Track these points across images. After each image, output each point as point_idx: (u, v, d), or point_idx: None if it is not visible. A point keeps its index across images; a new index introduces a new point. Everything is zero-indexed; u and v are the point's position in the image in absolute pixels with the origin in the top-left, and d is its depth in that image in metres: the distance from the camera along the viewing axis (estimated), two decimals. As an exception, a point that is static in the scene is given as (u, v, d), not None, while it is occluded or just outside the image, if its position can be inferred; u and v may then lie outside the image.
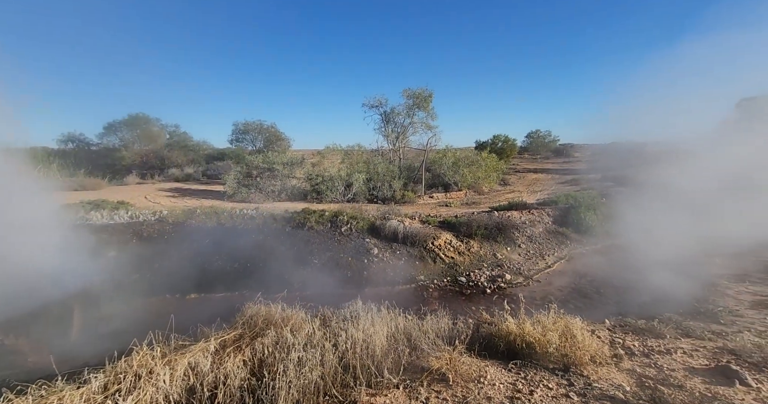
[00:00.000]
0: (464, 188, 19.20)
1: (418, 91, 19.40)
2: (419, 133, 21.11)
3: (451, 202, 16.95)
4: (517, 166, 32.30)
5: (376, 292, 8.44)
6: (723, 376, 3.57)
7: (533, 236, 11.60)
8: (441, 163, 19.40)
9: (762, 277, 6.89)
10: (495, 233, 11.14)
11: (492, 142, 29.50)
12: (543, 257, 10.62)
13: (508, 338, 4.68)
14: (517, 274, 9.45)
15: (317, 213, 10.86)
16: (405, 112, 19.92)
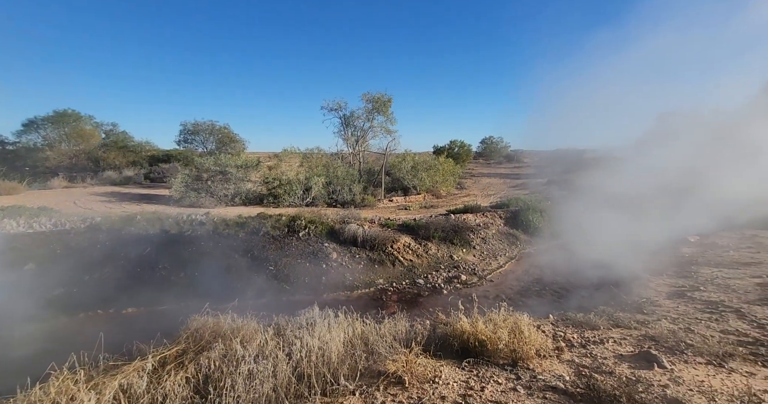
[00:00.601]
0: (423, 191, 19.69)
1: (377, 96, 19.64)
2: (379, 137, 21.34)
3: (411, 205, 17.27)
4: (472, 170, 33.82)
5: (335, 297, 8.32)
6: (645, 361, 3.98)
7: (487, 237, 12.17)
8: (400, 167, 19.74)
9: (676, 270, 7.85)
10: (452, 236, 11.52)
11: (449, 147, 30.64)
12: (496, 257, 11.18)
13: (462, 337, 4.83)
14: (472, 274, 9.84)
15: (273, 218, 10.47)
16: (365, 116, 20.05)
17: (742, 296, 5.73)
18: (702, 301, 5.84)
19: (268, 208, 13.87)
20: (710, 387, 3.36)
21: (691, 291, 6.36)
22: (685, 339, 4.42)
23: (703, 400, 3.15)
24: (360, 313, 5.30)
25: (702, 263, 8.10)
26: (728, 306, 5.45)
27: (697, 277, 7.09)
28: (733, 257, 8.14)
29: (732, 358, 3.89)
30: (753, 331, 4.56)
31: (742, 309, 5.22)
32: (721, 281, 6.63)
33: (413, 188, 19.71)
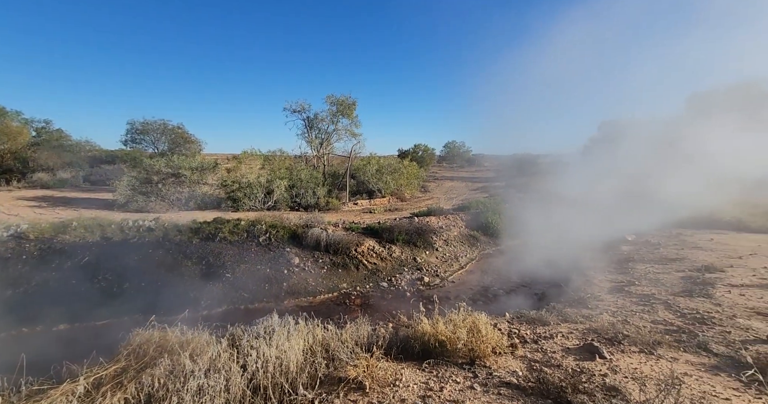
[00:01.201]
0: (387, 194, 19.85)
1: (342, 99, 19.56)
2: (344, 140, 21.24)
3: (375, 208, 17.32)
4: (436, 174, 34.70)
5: (297, 303, 8.10)
6: (588, 352, 4.29)
7: (449, 239, 12.51)
8: (365, 170, 19.76)
9: (616, 267, 8.59)
10: (415, 238, 11.70)
11: (413, 151, 31.22)
12: (457, 258, 11.52)
13: (423, 338, 4.90)
14: (435, 276, 10.05)
15: (231, 223, 9.99)
16: (329, 118, 19.85)
17: (669, 289, 6.40)
18: (637, 295, 6.43)
19: (226, 213, 13.22)
20: (642, 373, 3.70)
21: (628, 286, 6.98)
22: (622, 330, 4.83)
23: (635, 386, 3.45)
24: (322, 319, 5.20)
25: (637, 259, 8.93)
26: (658, 298, 6.05)
27: (633, 273, 7.81)
28: (662, 254, 9.07)
29: (660, 346, 4.30)
30: (677, 320, 5.09)
31: (668, 301, 5.82)
32: (653, 276, 7.35)
33: (378, 191, 19.80)
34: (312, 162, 20.72)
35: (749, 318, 4.86)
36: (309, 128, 20.00)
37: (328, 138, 20.46)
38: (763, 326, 4.58)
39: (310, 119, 19.87)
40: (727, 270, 7.04)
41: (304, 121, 19.95)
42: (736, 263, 7.51)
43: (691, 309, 5.39)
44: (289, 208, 15.49)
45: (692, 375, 3.59)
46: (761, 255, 7.84)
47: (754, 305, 5.28)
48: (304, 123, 19.99)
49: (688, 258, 8.31)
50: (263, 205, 14.74)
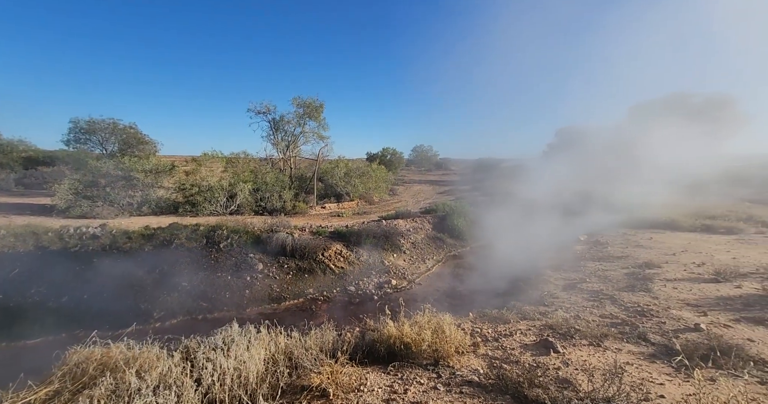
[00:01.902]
0: (356, 198, 19.78)
1: (309, 101, 19.25)
2: (311, 142, 20.90)
3: (343, 212, 17.19)
4: (404, 177, 35.14)
5: (260, 311, 7.81)
6: (544, 348, 4.51)
7: (416, 242, 12.69)
8: (333, 173, 19.58)
9: (571, 266, 9.16)
10: (383, 241, 11.74)
11: (382, 154, 31.40)
12: (424, 261, 11.70)
13: (389, 341, 4.91)
14: (402, 279, 10.14)
15: (189, 228, 9.46)
16: (295, 120, 19.45)
17: (615, 285, 6.92)
18: (587, 291, 6.88)
19: (184, 217, 12.49)
20: (590, 364, 3.95)
21: (580, 283, 7.46)
22: (574, 325, 5.14)
23: (584, 377, 3.68)
24: (286, 326, 5.06)
25: (588, 258, 9.58)
26: (605, 294, 6.53)
27: (584, 271, 8.37)
28: (609, 253, 9.81)
29: (606, 338, 4.63)
30: (621, 314, 5.51)
31: (614, 296, 6.29)
32: (601, 273, 7.93)
33: (346, 194, 19.68)
34: (278, 165, 20.17)
35: (681, 309, 5.37)
36: (275, 130, 19.46)
37: (294, 140, 20.03)
38: (692, 316, 5.09)
39: (275, 120, 19.34)
40: (663, 266, 7.75)
41: (270, 123, 19.39)
42: (671, 259, 8.29)
43: (633, 303, 5.86)
44: (253, 212, 14.95)
45: (633, 364, 3.89)
46: (690, 252, 8.72)
47: (685, 297, 5.85)
48: (269, 125, 19.43)
49: (631, 256, 9.04)
50: (225, 209, 14.11)
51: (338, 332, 5.63)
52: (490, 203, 17.74)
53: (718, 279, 6.42)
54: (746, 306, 5.20)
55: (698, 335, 4.38)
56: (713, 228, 11.11)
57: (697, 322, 4.78)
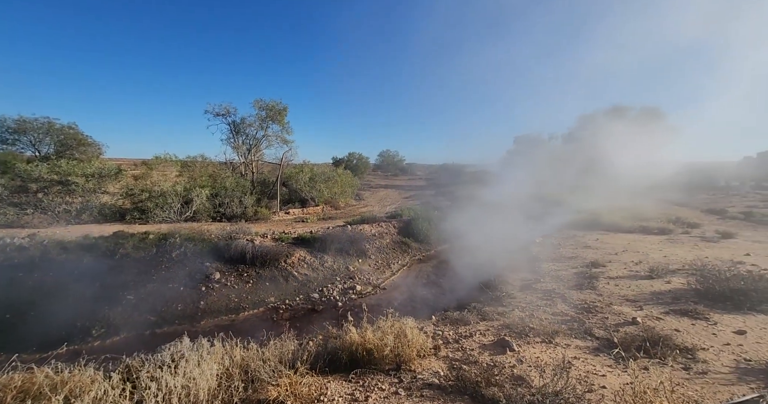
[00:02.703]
0: (321, 203, 19.49)
1: (272, 104, 18.76)
2: (274, 146, 20.33)
3: (308, 217, 16.85)
4: (371, 182, 35.21)
5: (216, 323, 7.39)
6: (501, 347, 4.69)
7: (382, 247, 12.72)
8: (298, 178, 19.18)
9: (527, 267, 9.65)
10: (348, 247, 11.64)
11: (348, 159, 31.28)
12: (390, 265, 11.74)
13: (351, 348, 4.85)
14: (367, 284, 10.09)
15: (137, 237, 8.77)
16: (257, 123, 18.84)
17: (565, 284, 7.39)
18: (541, 291, 7.28)
19: (132, 225, 11.58)
20: (542, 361, 4.16)
21: (535, 283, 7.87)
22: (529, 323, 5.39)
23: (536, 373, 3.87)
24: (243, 338, 4.84)
25: (543, 259, 10.15)
26: (557, 292, 6.94)
27: (539, 271, 8.85)
28: (561, 253, 10.48)
29: (557, 335, 4.91)
30: (571, 311, 5.88)
31: (565, 295, 6.71)
32: (554, 273, 8.43)
33: (311, 199, 19.33)
34: (239, 169, 19.38)
35: (621, 305, 5.84)
36: (235, 133, 18.69)
37: (257, 144, 19.37)
38: (630, 310, 5.55)
39: (236, 123, 18.58)
40: (607, 265, 8.40)
41: (230, 125, 18.58)
42: (613, 258, 9.03)
43: (581, 300, 6.28)
44: (211, 219, 14.19)
45: (580, 358, 4.15)
46: (630, 251, 9.55)
47: (625, 293, 6.38)
48: (229, 128, 18.62)
49: (580, 256, 9.72)
50: (180, 216, 13.26)
51: (300, 341, 5.48)
52: (454, 207, 18.26)
53: (652, 276, 7.08)
54: (674, 300, 5.77)
55: (635, 328, 4.78)
56: (649, 229, 12.26)
57: (634, 316, 5.22)
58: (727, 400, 3.03)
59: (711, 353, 4.01)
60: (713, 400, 3.08)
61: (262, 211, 15.77)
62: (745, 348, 4.07)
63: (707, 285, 5.72)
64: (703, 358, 3.89)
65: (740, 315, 4.98)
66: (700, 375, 3.58)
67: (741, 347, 4.09)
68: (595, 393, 3.46)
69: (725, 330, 4.57)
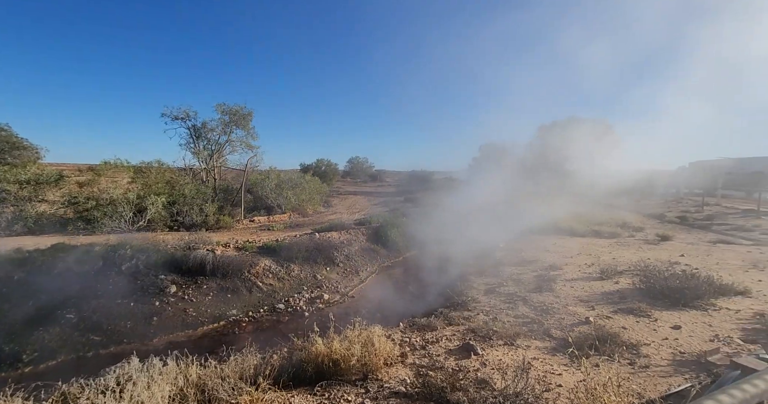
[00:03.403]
0: (288, 210, 19.01)
1: (236, 108, 18.10)
2: (239, 152, 19.59)
3: (274, 225, 16.36)
4: (340, 189, 34.92)
5: (171, 340, 6.91)
6: (466, 351, 4.78)
7: (350, 254, 12.60)
8: (264, 185, 18.60)
9: (492, 271, 9.99)
10: (316, 255, 11.42)
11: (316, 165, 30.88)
12: (358, 273, 11.65)
13: (317, 360, 4.73)
14: (335, 292, 9.93)
15: (81, 249, 8.04)
16: (220, 128, 18.08)
17: (526, 287, 7.73)
18: (504, 294, 7.55)
19: (76, 236, 10.58)
20: (504, 363, 4.30)
21: (498, 287, 8.16)
22: (492, 327, 5.56)
23: (499, 375, 3.98)
24: (201, 355, 4.57)
25: (506, 263, 10.57)
26: (519, 296, 7.24)
27: (502, 275, 9.19)
28: (523, 258, 10.97)
29: (519, 337, 5.10)
30: (531, 313, 6.15)
31: (526, 297, 7.02)
32: (516, 276, 8.79)
33: (278, 207, 18.80)
34: (200, 176, 18.44)
35: (576, 305, 6.20)
36: (196, 138, 17.78)
37: (219, 149, 18.56)
38: (584, 310, 5.91)
39: (196, 127, 17.67)
40: (564, 268, 8.91)
41: (189, 130, 17.64)
42: (569, 261, 9.59)
43: (540, 303, 6.59)
44: (168, 228, 13.34)
45: (539, 359, 4.34)
46: (584, 254, 10.22)
47: (579, 294, 6.79)
48: (189, 132, 17.68)
49: (540, 260, 10.22)
50: (132, 226, 12.33)
51: (263, 355, 5.26)
52: (422, 213, 18.55)
53: (602, 277, 7.60)
54: (622, 299, 6.23)
55: (588, 327, 5.09)
56: (600, 233, 13.19)
57: (587, 316, 5.56)
58: (665, 391, 3.30)
59: (652, 348, 4.35)
60: (654, 392, 3.34)
61: (224, 219, 15.08)
62: (680, 341, 4.47)
63: (649, 285, 6.23)
64: (645, 353, 4.21)
65: (676, 311, 5.46)
66: (643, 369, 3.87)
67: (677, 341, 4.49)
68: (552, 392, 3.62)
69: (664, 325, 5.00)
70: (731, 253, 9.11)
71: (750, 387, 1.62)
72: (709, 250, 9.64)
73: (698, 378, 3.51)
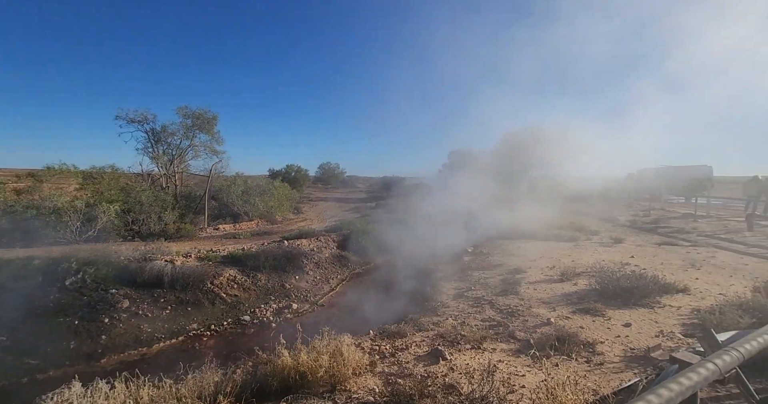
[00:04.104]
0: (256, 217, 18.40)
1: (199, 112, 17.34)
2: (203, 157, 18.74)
3: (241, 233, 15.76)
4: (310, 195, 34.37)
5: (122, 359, 6.39)
6: (435, 357, 4.81)
7: (320, 262, 12.38)
8: (230, 191, 17.91)
9: (459, 276, 10.21)
10: (284, 263, 11.11)
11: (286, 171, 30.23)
12: (328, 281, 11.46)
13: (283, 373, 4.58)
14: (304, 302, 9.69)
15: (16, 263, 7.28)
16: (182, 132, 17.22)
17: (493, 290, 7.96)
18: (472, 298, 7.73)
19: (11, 249, 9.56)
20: (471, 367, 4.37)
21: (466, 291, 8.34)
22: (461, 331, 5.65)
23: (466, 380, 4.04)
24: (155, 374, 4.28)
25: (474, 268, 10.84)
26: (486, 299, 7.43)
27: (470, 279, 9.41)
28: (490, 262, 11.31)
29: (485, 340, 5.22)
30: (497, 316, 6.33)
31: (492, 301, 7.22)
32: (483, 280, 9.04)
33: (245, 214, 18.13)
34: (159, 182, 17.41)
35: (539, 307, 6.47)
36: (155, 142, 16.78)
37: (181, 154, 17.63)
38: (545, 312, 6.17)
39: (155, 131, 16.69)
40: (527, 271, 9.28)
41: (147, 133, 16.61)
42: (533, 264, 10.02)
43: (506, 305, 6.81)
44: (121, 238, 12.42)
45: (504, 361, 4.46)
46: (546, 257, 10.71)
47: (542, 296, 7.09)
48: (147, 136, 16.64)
49: (505, 264, 10.59)
50: (79, 236, 11.34)
51: (224, 371, 4.99)
52: (393, 219, 18.64)
53: (563, 279, 7.99)
54: (580, 300, 6.57)
55: (549, 328, 5.31)
56: (561, 237, 13.90)
57: (549, 317, 5.80)
58: (617, 386, 3.51)
59: (606, 345, 4.62)
60: (608, 388, 3.53)
61: (186, 227, 14.30)
62: (630, 338, 4.78)
63: (603, 285, 6.63)
64: (600, 351, 4.46)
65: (627, 309, 5.85)
66: (598, 366, 4.09)
67: (627, 338, 4.80)
68: (516, 394, 3.72)
69: (616, 323, 5.33)
70: (673, 254, 9.94)
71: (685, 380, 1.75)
72: (655, 251, 10.45)
73: (645, 373, 3.76)
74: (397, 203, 25.50)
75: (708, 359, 1.71)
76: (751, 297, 5.41)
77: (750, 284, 6.46)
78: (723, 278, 7.33)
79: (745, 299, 5.37)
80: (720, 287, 6.71)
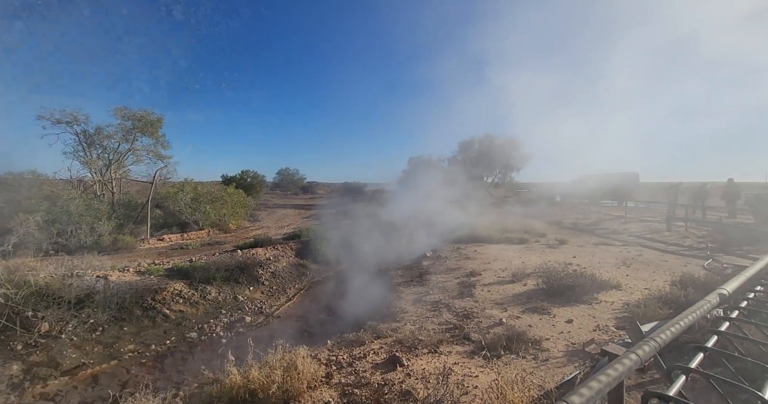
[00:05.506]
0: (207, 226, 17.29)
1: (141, 114, 15.94)
2: (145, 162, 17.26)
3: (190, 244, 14.70)
4: (268, 202, 33.12)
5: (41, 392, 5.58)
6: (392, 364, 4.79)
7: (277, 271, 11.89)
8: (177, 198, 16.66)
9: (418, 280, 10.34)
10: (237, 274, 10.52)
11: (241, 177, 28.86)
12: (285, 291, 11.03)
13: (232, 393, 4.30)
14: (259, 314, 9.21)
15: None
16: (121, 135, 15.72)
17: (450, 294, 8.16)
18: (430, 302, 7.85)
19: None
20: (427, 372, 4.41)
21: (425, 296, 8.46)
22: (419, 336, 5.69)
23: (422, 385, 4.06)
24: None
25: (432, 272, 11.05)
26: (443, 303, 7.59)
27: (429, 284, 9.57)
28: (448, 265, 11.61)
29: (442, 343, 5.30)
30: (453, 319, 6.48)
31: (449, 304, 7.39)
32: (441, 284, 9.23)
33: (194, 223, 16.95)
34: (93, 189, 15.69)
35: (492, 308, 6.73)
36: (87, 146, 15.10)
37: (119, 159, 16.05)
38: (498, 312, 6.44)
39: (87, 133, 15.02)
40: (482, 274, 9.66)
41: (78, 136, 14.89)
42: (487, 267, 10.45)
43: (462, 308, 6.99)
44: (43, 253, 10.96)
45: (459, 363, 4.55)
46: (499, 260, 11.25)
47: (495, 297, 7.40)
48: (77, 139, 14.91)
49: (462, 267, 10.93)
50: (-11, 250, 9.81)
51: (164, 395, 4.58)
52: (354, 225, 18.50)
53: (514, 280, 8.42)
54: (529, 299, 6.96)
55: (501, 328, 5.54)
56: (512, 240, 14.69)
57: (501, 317, 6.06)
58: (560, 380, 3.73)
59: (551, 342, 4.91)
60: (552, 383, 3.74)
61: (124, 239, 13.01)
62: (572, 334, 5.13)
63: (549, 284, 7.09)
64: (545, 347, 4.73)
65: (570, 306, 6.29)
66: (544, 362, 4.33)
67: (569, 333, 5.15)
68: (469, 395, 3.81)
69: (560, 320, 5.70)
70: (608, 253, 10.93)
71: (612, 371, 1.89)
72: (593, 251, 11.42)
73: (584, 366, 4.05)
74: (359, 209, 25.44)
75: (631, 350, 1.87)
76: (669, 291, 6.10)
77: (669, 279, 7.29)
78: (648, 274, 8.19)
79: (665, 292, 6.04)
80: (645, 282, 7.48)
